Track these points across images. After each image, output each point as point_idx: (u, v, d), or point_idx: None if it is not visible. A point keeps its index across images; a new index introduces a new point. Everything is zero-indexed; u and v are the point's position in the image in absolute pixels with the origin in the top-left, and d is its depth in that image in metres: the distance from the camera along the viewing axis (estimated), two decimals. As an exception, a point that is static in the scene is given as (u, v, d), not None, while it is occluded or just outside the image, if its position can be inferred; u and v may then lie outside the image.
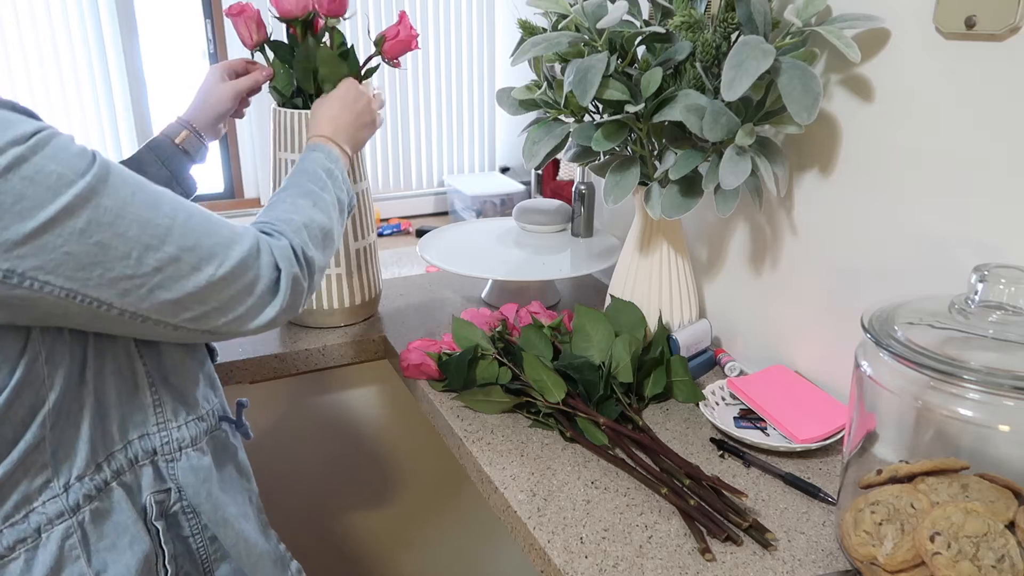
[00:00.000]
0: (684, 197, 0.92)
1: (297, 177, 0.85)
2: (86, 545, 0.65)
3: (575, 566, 0.71)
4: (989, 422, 0.63)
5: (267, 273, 0.70)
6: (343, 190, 0.87)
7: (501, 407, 0.96)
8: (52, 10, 2.86)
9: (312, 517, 1.39)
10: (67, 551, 0.63)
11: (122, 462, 0.68)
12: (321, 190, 0.83)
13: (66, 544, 0.63)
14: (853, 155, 0.89)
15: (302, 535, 1.38)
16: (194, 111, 1.01)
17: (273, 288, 0.71)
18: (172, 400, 0.72)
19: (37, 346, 0.60)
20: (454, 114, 3.71)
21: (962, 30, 0.74)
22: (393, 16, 2.69)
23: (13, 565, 0.61)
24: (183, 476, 0.72)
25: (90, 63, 2.97)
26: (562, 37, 0.87)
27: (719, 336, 1.14)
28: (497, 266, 1.24)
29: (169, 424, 0.72)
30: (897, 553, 0.64)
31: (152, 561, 0.69)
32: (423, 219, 3.67)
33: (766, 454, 0.87)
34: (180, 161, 0.98)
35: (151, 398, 0.70)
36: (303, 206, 0.80)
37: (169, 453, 0.71)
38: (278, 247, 0.72)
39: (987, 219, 0.76)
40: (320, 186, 0.84)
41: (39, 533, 0.62)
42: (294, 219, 0.77)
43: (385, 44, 1.10)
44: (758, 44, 0.79)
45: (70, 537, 0.64)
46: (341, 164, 0.90)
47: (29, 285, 0.55)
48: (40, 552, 0.62)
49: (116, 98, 3.06)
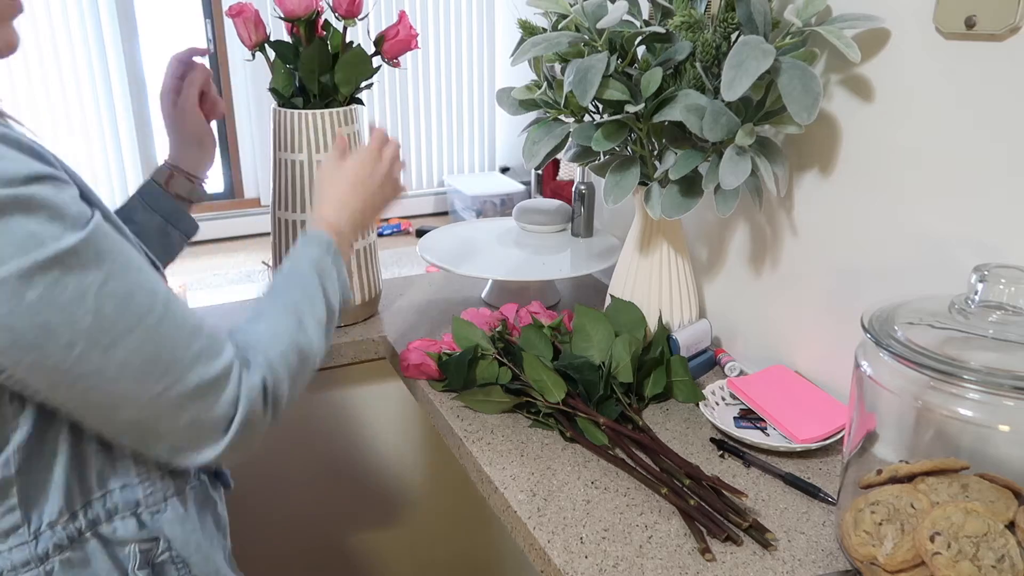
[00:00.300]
0: (684, 197, 0.92)
1: (288, 280, 0.76)
2: None
3: (575, 566, 0.71)
4: (989, 422, 0.63)
5: (223, 410, 0.61)
6: (336, 293, 0.78)
7: (501, 407, 0.96)
8: (52, 10, 2.86)
9: (312, 517, 1.39)
10: None
11: (99, 512, 0.64)
12: (310, 303, 0.74)
13: None
14: (853, 155, 0.89)
15: (302, 536, 1.38)
16: (174, 149, 0.94)
17: (223, 426, 0.62)
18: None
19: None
20: (454, 114, 3.71)
21: (962, 30, 0.74)
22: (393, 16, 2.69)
23: None
24: (168, 528, 0.68)
25: (90, 63, 2.97)
26: (562, 37, 0.87)
27: (719, 336, 1.14)
28: (497, 266, 1.24)
29: (152, 474, 0.67)
30: (897, 553, 0.64)
31: None
32: (423, 219, 3.67)
33: (766, 454, 0.87)
34: (172, 204, 0.93)
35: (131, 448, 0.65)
36: (286, 328, 0.71)
37: (153, 504, 0.67)
38: (247, 383, 0.63)
39: (987, 219, 0.76)
40: (310, 297, 0.75)
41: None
42: (272, 348, 0.68)
43: (385, 44, 1.10)
44: (758, 44, 0.79)
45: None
46: (341, 260, 0.81)
47: None
48: None
49: (116, 98, 3.06)
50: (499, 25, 3.61)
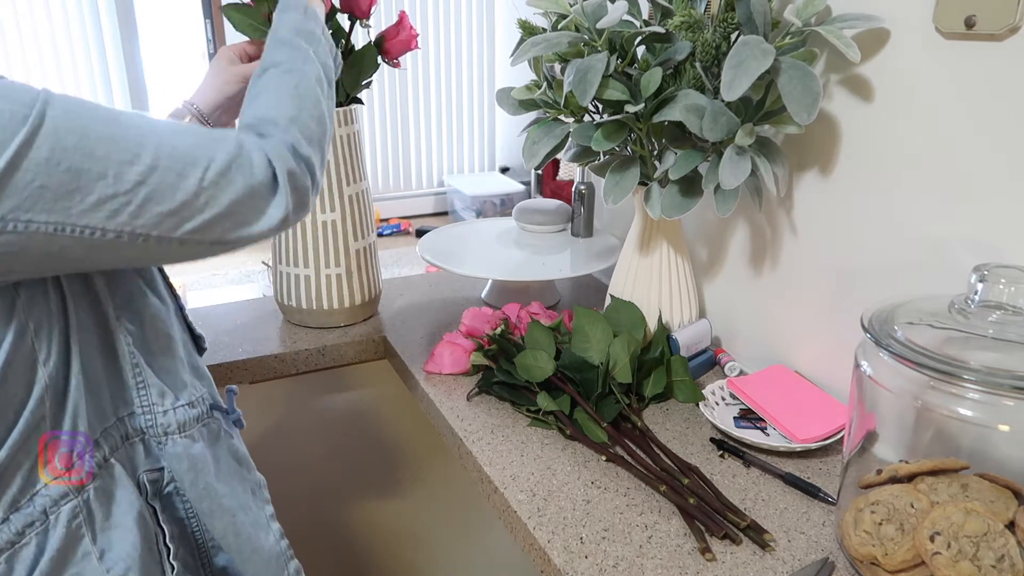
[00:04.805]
0: (684, 197, 0.92)
1: (273, 53, 0.76)
2: (91, 524, 0.64)
3: (575, 566, 0.71)
4: (989, 422, 0.63)
5: (260, 172, 0.64)
6: (326, 53, 0.79)
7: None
8: (52, 10, 2.86)
9: (312, 518, 1.39)
10: (74, 531, 0.63)
11: (116, 438, 0.68)
12: (303, 64, 0.75)
13: (73, 524, 0.63)
14: (853, 155, 0.89)
15: (303, 535, 1.38)
16: (201, 93, 0.96)
17: (272, 186, 0.65)
18: (157, 383, 0.71)
19: (23, 317, 0.59)
20: (454, 114, 3.72)
21: (962, 30, 0.74)
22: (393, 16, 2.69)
23: (25, 551, 0.61)
24: (171, 462, 0.71)
25: (90, 63, 2.97)
26: (562, 37, 0.87)
27: (719, 336, 1.14)
28: (497, 266, 1.24)
29: (155, 408, 0.70)
30: (897, 553, 0.64)
31: (152, 540, 0.68)
32: (423, 219, 3.67)
33: (766, 454, 0.87)
34: None
35: (134, 379, 0.69)
36: (287, 93, 0.72)
37: (156, 436, 0.70)
38: (268, 145, 0.66)
39: (987, 219, 0.76)
40: (302, 58, 0.75)
41: (46, 515, 0.62)
42: (280, 116, 0.70)
43: (385, 44, 1.10)
44: (758, 44, 0.80)
45: (76, 517, 0.63)
46: (320, 17, 0.81)
47: (13, 228, 0.54)
48: (50, 535, 0.62)
49: (116, 98, 3.06)
50: (499, 25, 3.61)
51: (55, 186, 0.55)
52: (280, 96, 0.71)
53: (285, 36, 0.77)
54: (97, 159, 0.56)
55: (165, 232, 0.60)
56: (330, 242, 1.14)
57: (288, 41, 0.76)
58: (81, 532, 0.63)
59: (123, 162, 0.57)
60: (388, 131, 3.58)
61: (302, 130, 0.70)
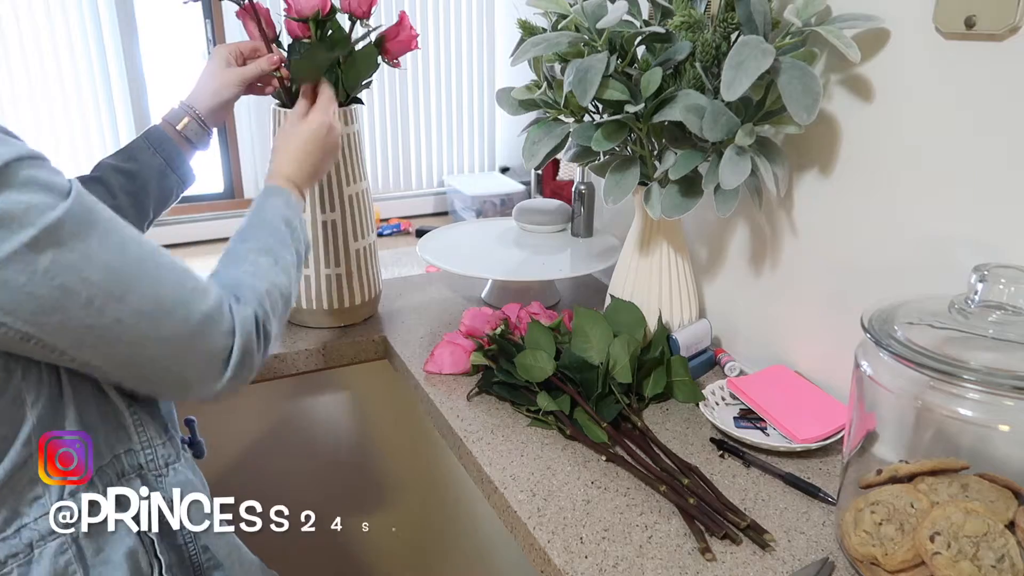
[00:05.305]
0: (684, 197, 0.92)
1: (257, 229, 0.79)
2: (82, 560, 0.64)
3: (575, 566, 0.71)
4: (989, 422, 0.63)
5: (222, 341, 0.65)
6: (300, 242, 0.82)
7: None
8: (52, 10, 2.85)
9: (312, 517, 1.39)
10: (63, 567, 0.63)
11: (111, 476, 0.68)
12: (282, 246, 0.78)
13: (61, 560, 0.63)
14: (853, 155, 0.89)
15: (302, 535, 1.38)
16: (196, 96, 0.97)
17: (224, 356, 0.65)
18: (151, 420, 0.72)
19: (11, 363, 0.59)
20: (454, 114, 3.71)
21: (962, 30, 0.74)
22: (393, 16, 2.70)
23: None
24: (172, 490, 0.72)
25: (90, 63, 2.97)
26: (562, 37, 0.87)
27: (719, 336, 1.14)
28: (497, 266, 1.24)
29: (154, 442, 0.71)
30: (897, 553, 0.64)
31: (147, 572, 0.69)
32: (423, 219, 3.67)
33: (766, 454, 0.87)
34: (176, 148, 0.95)
35: (131, 418, 0.70)
36: (265, 267, 0.74)
37: (156, 469, 0.71)
38: (240, 315, 0.67)
39: (987, 219, 0.76)
40: (280, 241, 0.79)
41: (31, 548, 0.62)
42: (257, 285, 0.72)
43: (385, 44, 1.10)
44: (758, 44, 0.79)
45: (64, 553, 0.63)
46: (300, 212, 0.85)
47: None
48: (34, 567, 0.62)
49: (116, 98, 3.06)
50: (499, 25, 3.61)
51: (42, 298, 0.54)
52: (258, 267, 0.74)
53: (270, 219, 0.81)
54: (90, 284, 0.56)
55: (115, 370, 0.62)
56: (330, 242, 1.14)
57: (272, 224, 0.80)
58: (72, 569, 0.63)
59: (112, 295, 0.58)
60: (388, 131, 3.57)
61: (272, 304, 0.72)
